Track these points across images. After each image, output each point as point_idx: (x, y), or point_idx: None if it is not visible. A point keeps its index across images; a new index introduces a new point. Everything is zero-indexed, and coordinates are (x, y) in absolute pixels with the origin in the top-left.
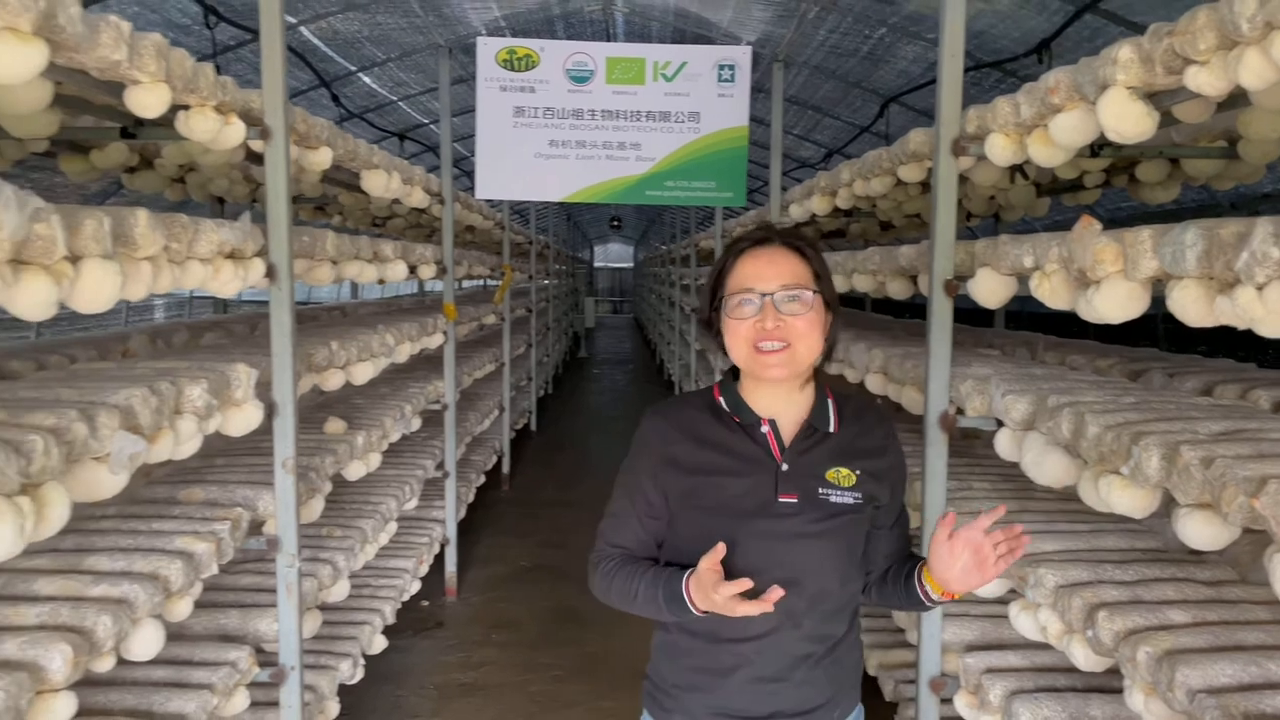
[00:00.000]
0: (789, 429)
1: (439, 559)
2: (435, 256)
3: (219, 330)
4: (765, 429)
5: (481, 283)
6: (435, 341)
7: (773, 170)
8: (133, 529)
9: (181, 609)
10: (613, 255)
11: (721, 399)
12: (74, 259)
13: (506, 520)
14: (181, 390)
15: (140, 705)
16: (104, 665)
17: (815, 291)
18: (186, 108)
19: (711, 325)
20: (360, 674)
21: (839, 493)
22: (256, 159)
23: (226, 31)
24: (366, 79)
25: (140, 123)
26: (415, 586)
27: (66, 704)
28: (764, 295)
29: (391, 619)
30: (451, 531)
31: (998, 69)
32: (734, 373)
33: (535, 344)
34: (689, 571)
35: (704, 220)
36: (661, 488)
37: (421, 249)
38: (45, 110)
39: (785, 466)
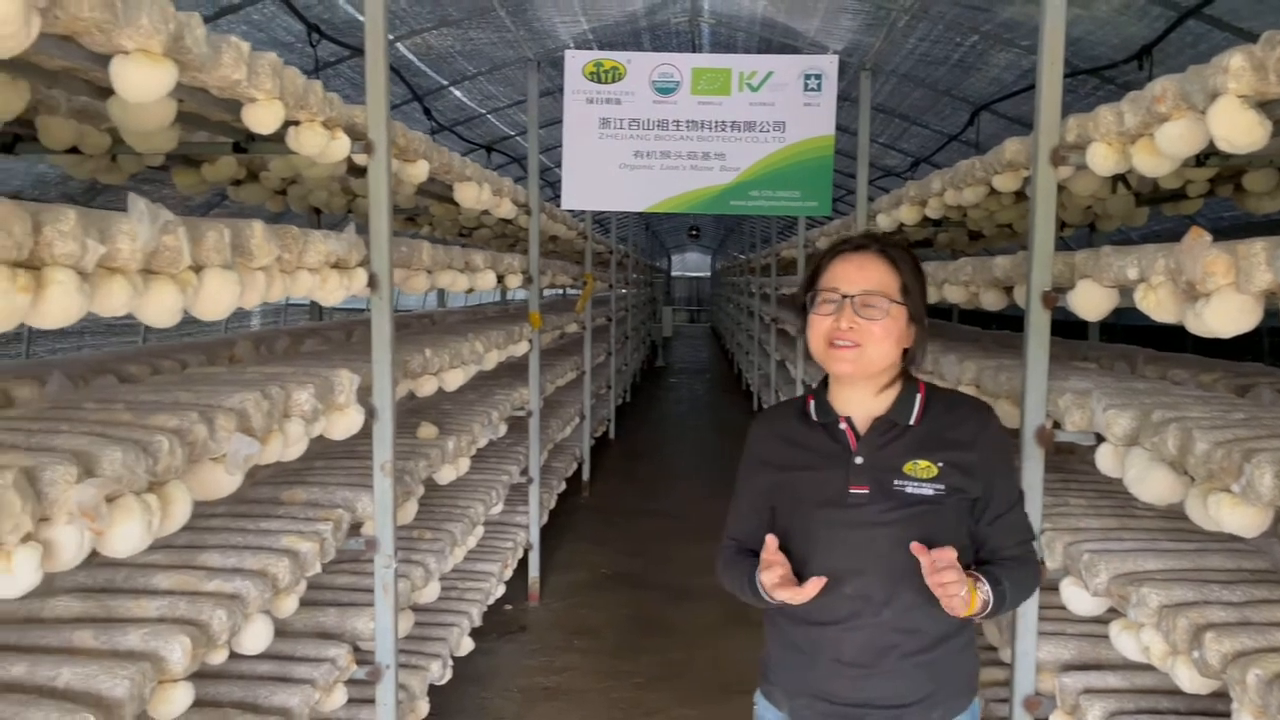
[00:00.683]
0: (868, 425)
1: (522, 564)
2: (522, 266)
3: (317, 337)
4: (843, 425)
5: (561, 291)
6: (521, 349)
7: (859, 179)
8: (241, 527)
9: (288, 605)
10: (690, 264)
11: (812, 401)
12: (197, 269)
13: (586, 527)
14: (290, 394)
15: (247, 698)
16: (218, 658)
17: (896, 302)
18: (296, 123)
19: (803, 318)
20: (449, 675)
21: (916, 484)
22: (356, 171)
23: (327, 49)
24: (457, 92)
25: (252, 138)
26: (500, 590)
27: (185, 694)
28: (845, 296)
29: (478, 621)
30: (535, 537)
31: (1095, 76)
32: (825, 379)
33: (614, 352)
34: (759, 570)
35: (785, 230)
36: (760, 484)
37: (509, 259)
38: (167, 127)
39: (859, 460)
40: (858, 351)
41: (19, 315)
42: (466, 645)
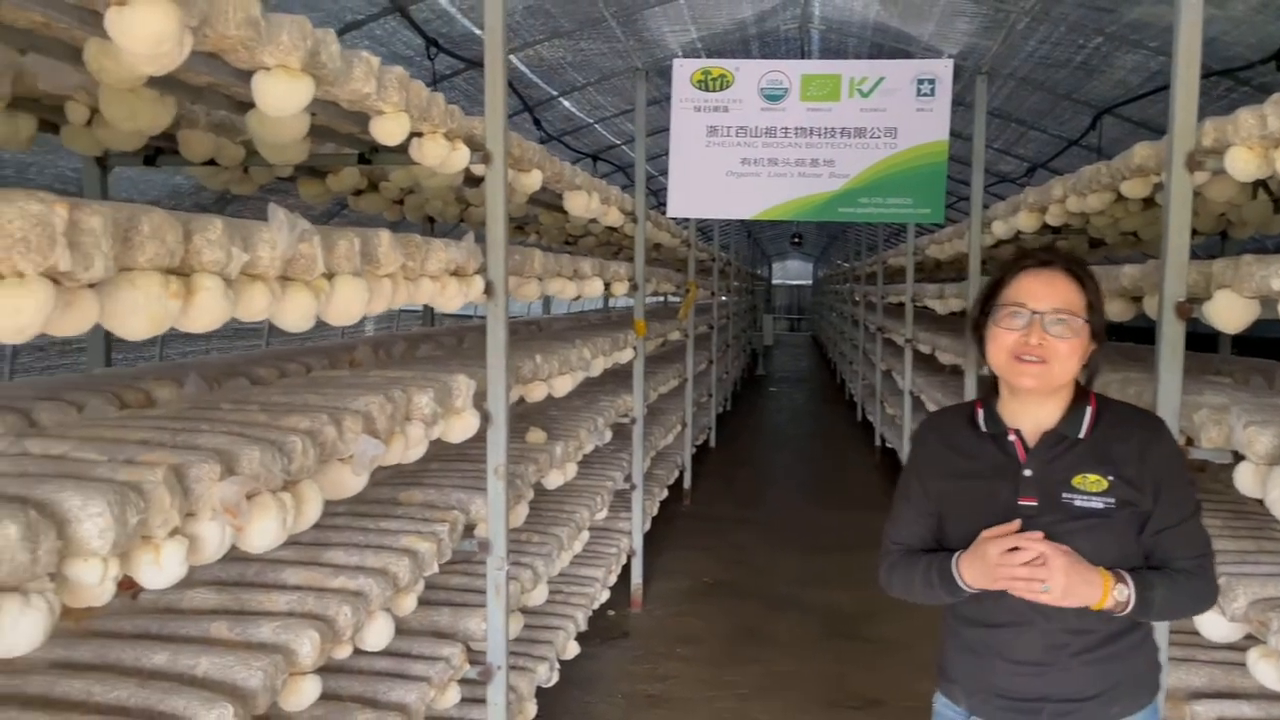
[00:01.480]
0: (1038, 437)
1: (625, 570)
2: (628, 273)
3: (431, 342)
4: (1012, 438)
5: (661, 299)
6: (625, 356)
7: (974, 185)
8: (363, 526)
9: (407, 604)
10: (791, 272)
11: (981, 410)
12: (329, 275)
13: (688, 535)
14: (411, 398)
15: (365, 692)
16: (343, 652)
17: (1085, 320)
18: (419, 135)
19: (977, 330)
20: (555, 678)
21: (1085, 497)
22: (471, 181)
23: (444, 62)
24: (566, 103)
25: (376, 149)
26: (604, 596)
27: (313, 687)
28: (1035, 313)
29: (584, 626)
30: (638, 543)
31: (1229, 77)
32: (993, 386)
33: (715, 360)
34: (959, 553)
35: (892, 237)
36: (926, 491)
37: (615, 266)
38: (300, 140)
39: (1028, 472)
40: (1044, 368)
41: (170, 320)
42: (573, 649)
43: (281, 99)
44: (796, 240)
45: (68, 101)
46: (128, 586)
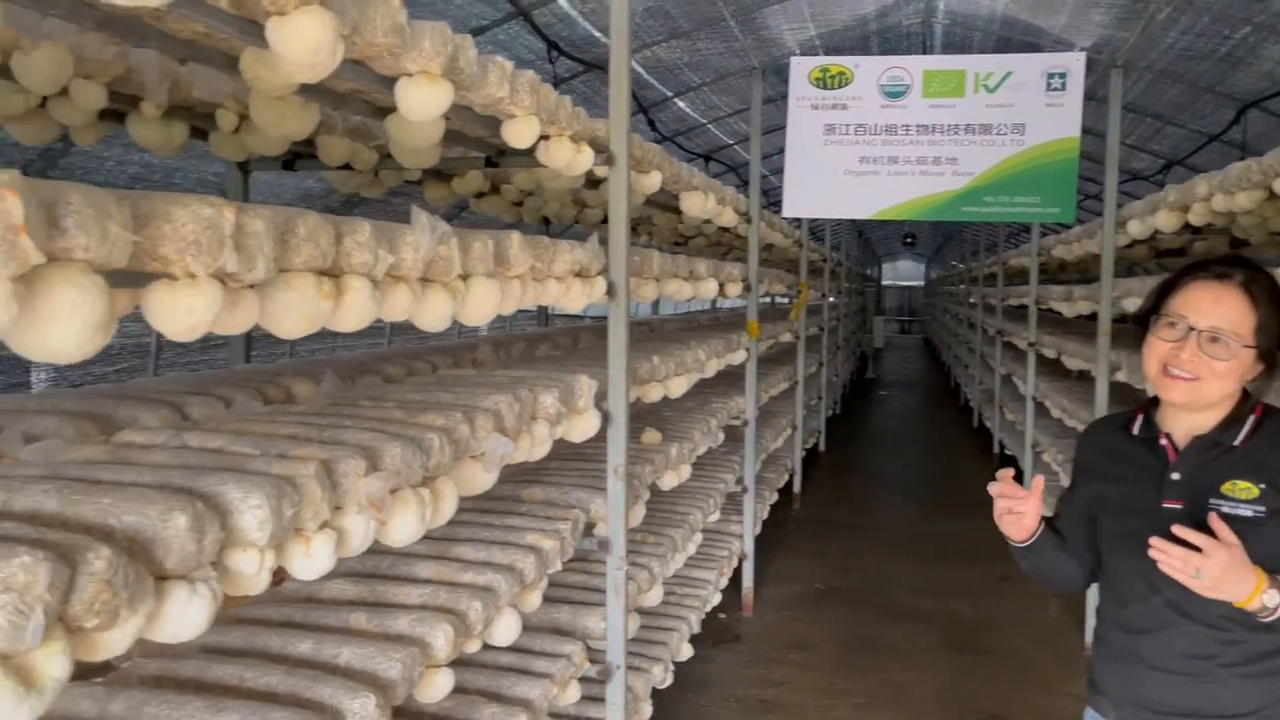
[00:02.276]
0: (1191, 442)
1: (735, 574)
2: (741, 274)
3: (548, 342)
4: (1163, 442)
5: (769, 300)
6: (739, 358)
7: (1108, 184)
8: (488, 523)
9: (533, 601)
10: (902, 273)
11: (1140, 416)
12: (464, 277)
13: (798, 540)
14: (537, 397)
15: (490, 687)
16: (473, 647)
17: (1247, 345)
18: (547, 137)
19: (1142, 329)
20: (670, 679)
21: (1233, 504)
22: (590, 183)
23: (563, 64)
24: (680, 103)
25: (502, 152)
26: (716, 598)
27: (446, 679)
28: (1193, 329)
29: (697, 628)
30: (749, 547)
31: None
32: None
33: (826, 363)
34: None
35: (1013, 236)
36: (1082, 495)
37: (730, 267)
38: (435, 144)
39: (1175, 476)
40: (1193, 385)
41: (322, 320)
42: (686, 651)
43: (423, 104)
44: (909, 240)
45: (218, 109)
46: (277, 578)
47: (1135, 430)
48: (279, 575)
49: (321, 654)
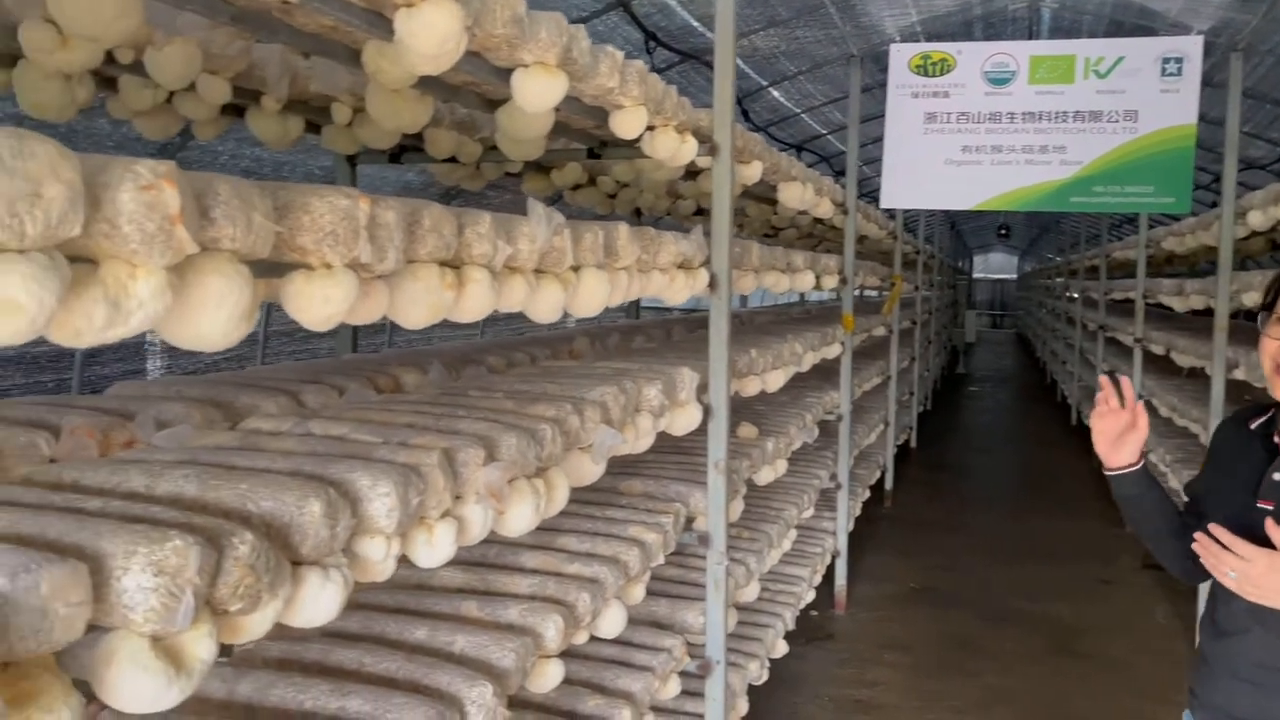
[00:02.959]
0: None
1: (828, 571)
2: (837, 266)
3: (642, 334)
4: (1277, 438)
5: (858, 292)
6: (833, 352)
7: (1226, 173)
8: (590, 514)
9: (636, 593)
10: (994, 266)
11: (1275, 410)
12: (575, 268)
13: (890, 538)
14: (641, 389)
15: (594, 678)
16: (581, 639)
17: None
18: (652, 128)
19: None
20: (765, 675)
21: None
22: (688, 175)
23: (660, 56)
24: (775, 93)
25: (604, 144)
26: (810, 595)
27: (557, 670)
28: None
29: (791, 625)
30: (842, 544)
31: None
32: None
33: (918, 357)
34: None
35: (1115, 227)
36: (1200, 485)
37: (825, 259)
38: (544, 135)
39: (1276, 475)
40: None
41: (446, 310)
42: (781, 648)
43: (539, 95)
44: (1003, 232)
45: (334, 103)
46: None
47: (1254, 425)
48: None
49: (436, 641)
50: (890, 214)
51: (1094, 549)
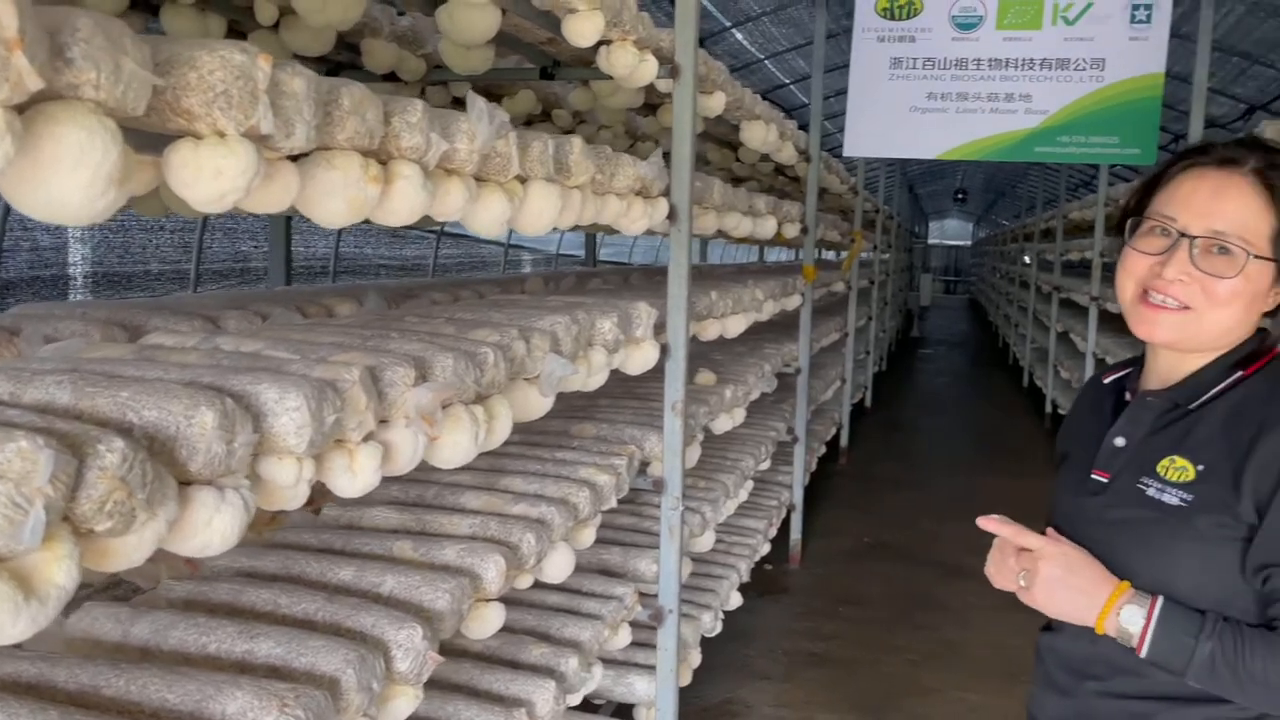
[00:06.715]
0: (1141, 397)
1: (783, 525)
2: (799, 215)
3: (598, 279)
4: (1128, 397)
5: (817, 251)
6: (794, 302)
7: (1192, 127)
8: (537, 455)
9: (586, 537)
10: (949, 232)
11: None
12: (522, 180)
13: (845, 493)
14: (594, 321)
15: (539, 626)
16: (524, 582)
17: (1261, 257)
18: (608, 43)
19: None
20: (719, 627)
21: (1159, 487)
22: (647, 108)
23: None
24: (738, 35)
25: (557, 63)
26: (765, 548)
27: (497, 614)
28: (1184, 235)
29: (746, 577)
30: (798, 498)
31: None
32: None
33: (875, 317)
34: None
35: (1078, 188)
36: (1058, 462)
37: (788, 206)
38: (485, 44)
39: (1119, 442)
40: (1182, 317)
41: (368, 207)
42: (735, 600)
43: None
44: (960, 196)
45: (257, 1)
46: (314, 506)
47: (1109, 380)
48: (315, 503)
49: (363, 582)
50: (851, 169)
51: (1045, 506)
